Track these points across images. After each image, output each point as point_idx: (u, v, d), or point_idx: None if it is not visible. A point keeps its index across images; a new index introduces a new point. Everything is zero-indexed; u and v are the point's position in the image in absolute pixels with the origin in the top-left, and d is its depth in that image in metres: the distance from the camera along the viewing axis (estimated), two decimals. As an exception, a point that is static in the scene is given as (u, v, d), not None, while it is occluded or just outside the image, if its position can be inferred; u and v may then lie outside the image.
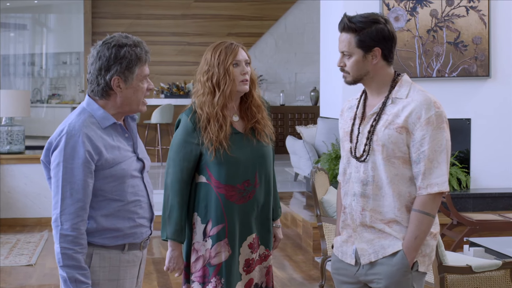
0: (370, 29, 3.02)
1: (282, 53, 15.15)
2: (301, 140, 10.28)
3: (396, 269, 2.97)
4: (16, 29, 17.51)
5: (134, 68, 2.81)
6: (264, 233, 3.65)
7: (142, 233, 2.92)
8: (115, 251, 2.85)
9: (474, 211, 8.06)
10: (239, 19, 14.85)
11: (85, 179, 2.73)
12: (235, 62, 3.49)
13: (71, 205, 2.73)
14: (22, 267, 6.87)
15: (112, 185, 2.80)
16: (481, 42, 8.23)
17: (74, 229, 2.73)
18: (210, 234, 3.54)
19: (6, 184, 8.87)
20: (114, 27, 14.32)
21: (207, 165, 3.51)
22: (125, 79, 2.81)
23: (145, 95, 2.89)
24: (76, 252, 2.73)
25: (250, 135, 3.56)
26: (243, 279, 3.58)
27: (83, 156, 2.73)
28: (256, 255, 3.62)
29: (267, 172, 3.62)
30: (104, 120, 2.83)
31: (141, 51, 2.84)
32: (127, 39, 2.85)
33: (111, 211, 2.81)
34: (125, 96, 2.84)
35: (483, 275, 4.37)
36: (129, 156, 2.88)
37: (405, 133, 2.96)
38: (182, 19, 14.67)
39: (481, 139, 8.46)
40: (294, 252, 7.53)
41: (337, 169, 8.65)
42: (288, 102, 15.08)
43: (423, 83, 8.26)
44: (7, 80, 17.20)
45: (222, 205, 3.51)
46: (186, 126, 3.51)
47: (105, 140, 2.81)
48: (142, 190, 2.91)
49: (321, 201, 6.19)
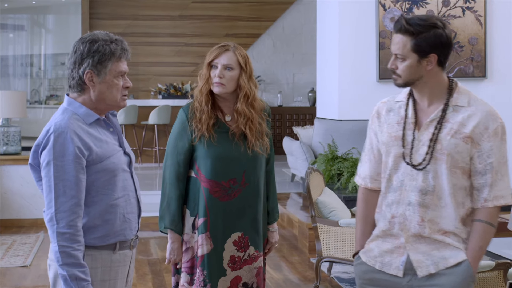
0: (428, 33, 2.86)
1: (280, 53, 15.15)
2: (297, 141, 10.27)
3: (462, 279, 2.89)
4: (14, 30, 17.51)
5: (107, 63, 2.81)
6: (253, 234, 3.71)
7: (131, 230, 2.92)
8: (106, 251, 2.85)
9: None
10: (237, 20, 14.85)
11: (77, 175, 2.73)
12: (213, 64, 3.66)
13: (66, 203, 2.72)
14: (17, 268, 6.86)
15: (104, 180, 2.81)
16: (478, 43, 8.22)
17: (71, 226, 2.72)
18: (197, 226, 3.68)
19: (2, 185, 8.86)
20: (111, 28, 14.31)
21: (196, 160, 3.66)
22: (98, 73, 2.82)
23: (123, 93, 2.89)
24: (74, 250, 2.72)
25: (240, 138, 3.67)
26: (228, 275, 3.67)
27: (73, 152, 2.73)
28: (244, 254, 3.69)
29: (257, 174, 3.70)
30: (87, 116, 2.84)
31: (116, 47, 2.84)
32: (105, 35, 2.86)
33: (103, 206, 2.82)
34: (99, 91, 2.84)
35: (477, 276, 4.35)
36: (117, 150, 2.89)
37: (470, 143, 2.88)
38: (179, 20, 14.67)
39: (477, 140, 8.45)
40: (290, 253, 7.52)
41: (334, 170, 8.64)
42: (285, 103, 15.07)
43: (419, 83, 8.25)
44: (5, 81, 17.19)
45: (206, 199, 3.64)
46: (181, 119, 3.70)
47: (92, 135, 2.82)
48: (131, 185, 2.92)
49: (316, 202, 6.18)
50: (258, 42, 15.06)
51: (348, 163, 8.50)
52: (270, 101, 14.99)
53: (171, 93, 13.82)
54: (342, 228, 6.00)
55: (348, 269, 6.72)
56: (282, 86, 15.18)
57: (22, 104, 8.98)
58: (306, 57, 14.97)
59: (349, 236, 5.98)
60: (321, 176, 6.50)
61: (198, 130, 3.63)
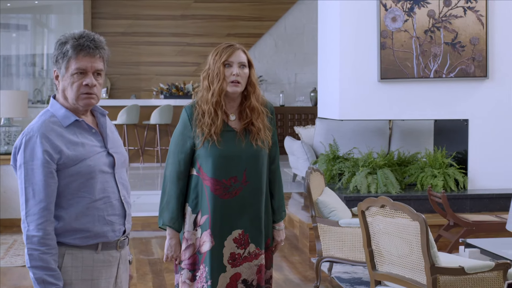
0: None
1: (282, 53, 15.13)
2: (299, 141, 10.27)
3: None
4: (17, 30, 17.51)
5: (64, 59, 2.79)
6: (254, 232, 3.74)
7: (114, 231, 2.88)
8: (88, 251, 2.83)
9: (471, 212, 8.04)
10: (238, 19, 14.83)
11: (45, 179, 2.73)
12: (227, 62, 3.68)
13: (34, 206, 2.73)
14: (17, 267, 6.86)
15: (79, 182, 2.79)
16: (479, 43, 8.20)
17: (39, 229, 2.72)
18: (200, 224, 3.73)
19: (3, 184, 8.86)
20: (113, 27, 14.32)
21: (198, 158, 3.70)
22: (59, 70, 2.83)
23: (82, 91, 2.81)
24: (43, 253, 2.71)
25: (243, 136, 3.71)
26: (228, 271, 3.72)
27: (41, 157, 2.73)
28: (244, 251, 3.73)
29: (258, 172, 3.72)
30: (65, 118, 2.83)
31: (74, 43, 2.79)
32: (75, 34, 2.83)
33: (80, 209, 2.80)
34: (61, 89, 2.85)
35: (475, 276, 4.35)
36: (97, 151, 2.85)
37: None
38: (181, 19, 14.66)
39: (478, 140, 8.44)
40: (290, 253, 7.51)
41: (335, 170, 8.64)
42: (287, 102, 15.06)
43: (420, 83, 8.24)
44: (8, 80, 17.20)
45: (207, 197, 3.69)
46: (183, 119, 3.73)
47: (66, 138, 2.79)
48: (112, 187, 2.88)
49: (316, 202, 6.18)
50: (260, 42, 15.05)
51: (349, 163, 8.49)
52: (272, 101, 14.97)
53: (173, 93, 13.81)
54: (342, 228, 5.99)
55: (348, 269, 6.72)
56: (284, 86, 15.17)
57: (24, 103, 8.98)
58: (308, 57, 14.95)
59: (349, 236, 5.97)
60: (321, 176, 6.50)
61: (204, 133, 3.65)
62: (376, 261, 4.61)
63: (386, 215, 4.44)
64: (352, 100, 8.23)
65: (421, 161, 8.47)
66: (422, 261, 4.28)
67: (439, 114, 8.44)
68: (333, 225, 6.02)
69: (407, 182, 8.42)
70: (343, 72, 8.20)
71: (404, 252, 4.39)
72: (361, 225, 4.64)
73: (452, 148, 8.66)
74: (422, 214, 4.29)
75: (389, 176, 8.10)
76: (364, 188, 8.03)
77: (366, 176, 8.10)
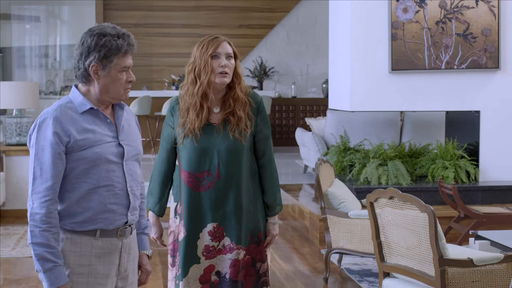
0: None
1: (294, 45, 15.10)
2: (310, 132, 10.26)
3: None
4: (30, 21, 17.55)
5: (113, 58, 2.85)
6: (229, 226, 3.75)
7: (114, 220, 2.92)
8: (86, 237, 2.88)
9: (482, 204, 8.01)
10: (250, 10, 14.81)
11: (53, 159, 2.80)
12: (214, 54, 3.66)
13: (41, 185, 2.80)
14: (27, 258, 6.89)
15: (84, 167, 2.84)
16: (491, 34, 8.15)
17: (43, 207, 2.79)
18: (179, 212, 3.81)
19: (15, 175, 8.90)
20: (125, 18, 14.33)
21: (178, 150, 3.78)
22: (103, 67, 2.86)
23: (126, 87, 2.93)
24: (44, 230, 2.78)
25: (222, 126, 3.71)
26: (201, 263, 3.75)
27: (51, 138, 2.80)
28: (218, 244, 3.75)
29: (234, 167, 3.71)
30: (81, 105, 2.89)
31: (123, 42, 2.87)
32: (112, 29, 2.89)
33: (81, 193, 2.85)
34: (103, 84, 2.89)
35: (484, 268, 4.33)
36: (106, 140, 2.90)
37: None
38: (194, 11, 14.65)
39: (490, 131, 8.40)
40: (300, 245, 7.51)
41: (346, 161, 8.62)
42: (299, 94, 15.03)
43: (431, 75, 8.20)
44: (21, 71, 17.26)
45: (182, 188, 3.76)
46: (168, 111, 3.81)
47: (79, 123, 2.85)
48: (119, 177, 2.92)
49: (326, 193, 6.17)
50: (272, 33, 15.02)
51: (360, 155, 8.48)
52: (284, 92, 14.96)
53: (184, 84, 13.81)
54: (351, 219, 5.98)
55: (358, 261, 6.71)
56: (296, 77, 15.14)
57: (35, 95, 9.01)
58: (320, 48, 14.91)
59: (359, 227, 5.96)
60: (331, 168, 6.48)
61: (184, 130, 3.69)
62: (385, 252, 4.60)
63: (395, 206, 4.43)
64: (363, 91, 8.20)
65: (432, 153, 8.44)
66: (430, 253, 4.26)
67: (450, 106, 8.40)
68: (343, 216, 6.01)
69: (418, 174, 8.39)
70: (354, 63, 8.17)
71: (413, 244, 4.38)
72: (369, 216, 4.62)
73: (463, 139, 8.62)
74: (431, 206, 4.27)
75: (400, 168, 8.08)
76: (375, 179, 8.01)
77: (377, 168, 8.08)
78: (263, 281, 3.87)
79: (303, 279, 6.30)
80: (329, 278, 6.21)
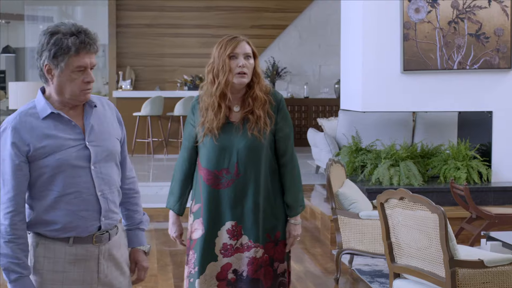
0: None
1: (306, 45, 15.08)
2: (322, 133, 10.25)
3: None
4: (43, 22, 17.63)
5: (63, 57, 2.74)
6: (247, 224, 3.75)
7: (87, 227, 2.83)
8: (60, 243, 2.82)
9: (495, 204, 7.97)
10: (263, 11, 14.80)
11: (13, 170, 2.74)
12: (232, 54, 3.69)
13: (3, 196, 2.76)
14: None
15: (48, 175, 2.77)
16: (503, 34, 8.12)
17: (6, 218, 2.74)
18: (193, 211, 3.85)
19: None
20: (138, 19, 14.36)
21: (198, 147, 3.80)
22: (55, 66, 2.76)
23: (83, 88, 2.80)
24: (8, 241, 2.73)
25: (241, 125, 3.73)
26: (219, 261, 3.77)
27: (9, 148, 2.75)
28: (236, 242, 3.76)
29: (252, 165, 3.73)
30: (42, 110, 2.80)
31: (74, 41, 2.73)
32: (68, 27, 2.76)
33: (48, 202, 2.79)
34: (57, 84, 2.79)
35: (495, 269, 4.31)
36: (70, 145, 2.79)
37: None
38: (206, 11, 14.66)
39: (502, 132, 8.36)
40: (312, 245, 7.51)
41: (357, 162, 8.61)
42: (312, 94, 15.01)
43: (444, 75, 8.18)
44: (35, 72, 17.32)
45: (200, 186, 3.78)
46: (189, 110, 3.85)
47: (39, 130, 2.77)
48: (86, 182, 2.81)
49: (337, 194, 6.16)
50: (284, 33, 15.00)
51: (372, 155, 8.46)
52: (296, 93, 14.94)
53: (197, 85, 13.82)
54: (362, 220, 5.97)
55: (369, 262, 6.69)
56: (308, 77, 15.12)
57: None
58: (333, 49, 14.87)
59: (370, 228, 5.95)
60: (342, 168, 6.47)
61: (204, 129, 3.72)
62: (395, 253, 4.59)
63: (405, 207, 4.42)
64: (374, 91, 8.18)
65: (444, 153, 8.41)
66: (441, 254, 4.25)
67: (462, 106, 8.37)
68: (353, 217, 6.00)
69: (430, 175, 8.36)
70: (366, 64, 8.15)
71: (423, 245, 4.36)
72: (380, 217, 4.62)
73: (475, 140, 8.58)
74: (441, 207, 4.26)
75: (411, 168, 8.05)
76: (386, 180, 7.99)
77: (389, 168, 8.06)
78: (280, 281, 3.87)
79: (314, 280, 6.29)
80: (340, 279, 6.20)
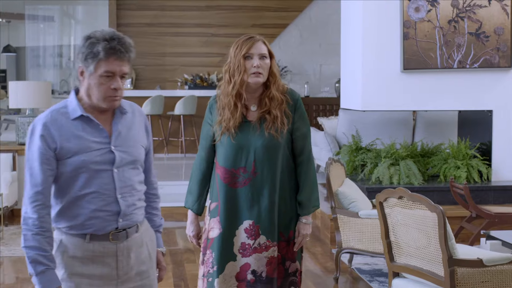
0: None
1: (307, 44, 15.07)
2: (322, 132, 10.24)
3: None
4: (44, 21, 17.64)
5: (92, 61, 2.82)
6: (264, 224, 3.76)
7: (104, 226, 2.91)
8: (78, 239, 2.91)
9: (495, 203, 7.96)
10: (263, 10, 14.80)
11: (41, 165, 2.83)
12: (247, 54, 3.72)
13: (30, 189, 2.85)
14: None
15: (71, 174, 2.86)
16: (503, 33, 8.11)
17: (34, 212, 2.82)
18: (210, 209, 3.87)
19: (28, 174, 8.93)
20: (138, 18, 14.37)
21: (216, 146, 3.83)
22: (86, 69, 2.86)
23: (109, 94, 2.86)
24: (36, 234, 2.80)
25: (258, 124, 3.75)
26: (238, 260, 3.77)
27: (39, 143, 2.84)
28: (254, 242, 3.76)
29: (270, 164, 3.74)
30: (73, 111, 2.90)
31: (105, 46, 2.80)
32: (103, 33, 2.83)
33: (70, 199, 2.88)
34: (86, 86, 2.89)
35: (494, 268, 4.31)
36: (95, 147, 2.88)
37: None
38: (206, 10, 14.66)
39: (503, 131, 8.36)
40: (312, 244, 7.50)
41: (357, 161, 8.60)
42: (312, 93, 15.00)
43: (444, 74, 8.17)
44: (35, 71, 17.36)
45: (218, 185, 3.80)
46: (207, 109, 3.88)
47: (68, 130, 2.87)
48: (107, 183, 2.90)
49: (336, 193, 6.16)
50: (284, 32, 15.00)
51: (372, 154, 8.46)
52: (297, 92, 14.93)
53: (197, 84, 13.83)
54: (362, 219, 5.97)
55: (368, 261, 6.69)
56: (309, 76, 15.12)
57: (47, 94, 9.05)
58: (333, 48, 14.86)
59: (369, 227, 5.95)
60: (342, 167, 6.47)
61: (222, 128, 3.75)
62: (394, 252, 4.59)
63: (404, 206, 4.42)
64: (375, 91, 8.18)
65: (444, 152, 8.40)
66: (439, 253, 4.25)
67: (463, 105, 8.37)
68: (353, 216, 6.00)
69: (430, 174, 8.36)
70: (365, 63, 8.15)
71: (422, 244, 4.37)
72: (379, 216, 4.62)
73: (476, 139, 8.58)
74: (441, 206, 4.26)
75: (411, 167, 8.05)
76: (386, 179, 7.98)
77: (389, 167, 8.06)
78: (291, 281, 3.87)
79: (314, 279, 6.29)
80: (340, 278, 6.20)
